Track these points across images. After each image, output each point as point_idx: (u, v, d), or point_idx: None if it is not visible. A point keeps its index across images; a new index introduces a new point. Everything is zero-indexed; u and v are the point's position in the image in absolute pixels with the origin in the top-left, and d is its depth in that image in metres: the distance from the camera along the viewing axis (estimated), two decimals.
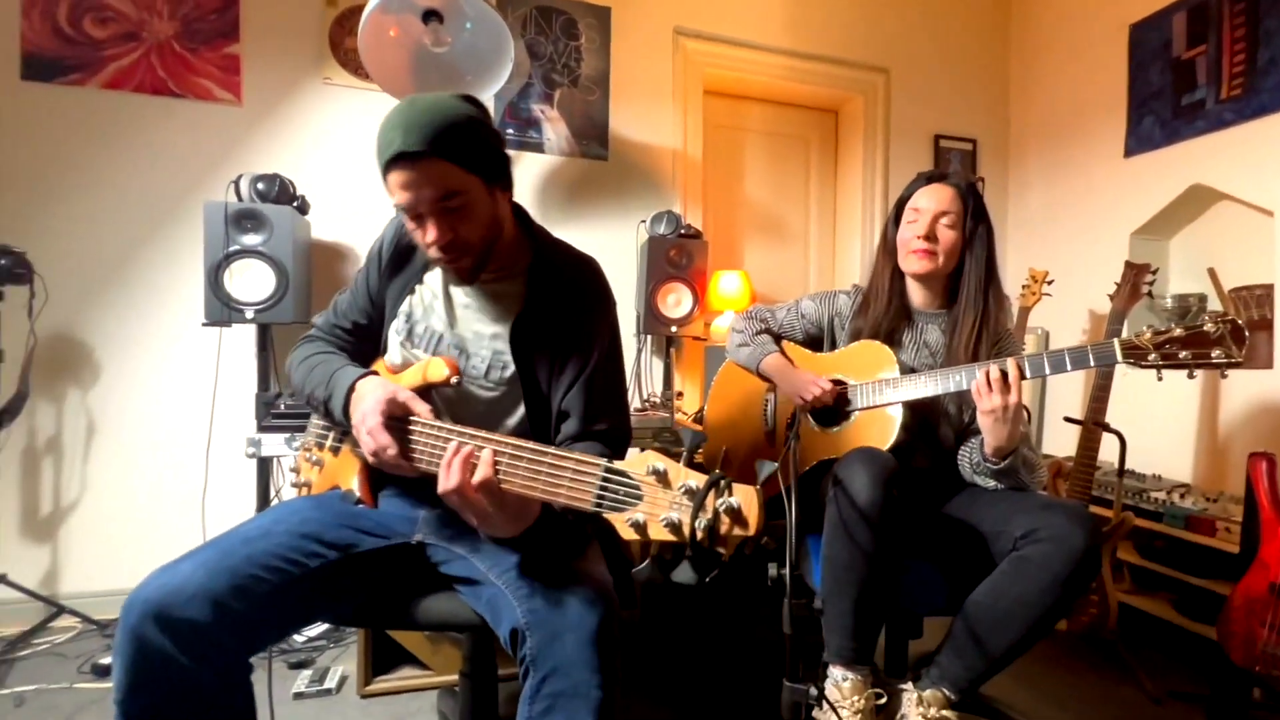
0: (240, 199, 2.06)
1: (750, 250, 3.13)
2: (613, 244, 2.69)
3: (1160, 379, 1.17)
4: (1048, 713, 1.69)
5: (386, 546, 1.03)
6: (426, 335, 1.14)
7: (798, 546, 1.34)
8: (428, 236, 1.00)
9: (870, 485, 1.14)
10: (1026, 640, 1.14)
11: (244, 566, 0.88)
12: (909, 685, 1.19)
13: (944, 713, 1.17)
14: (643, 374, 2.66)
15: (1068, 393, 2.88)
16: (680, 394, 2.41)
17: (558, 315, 1.10)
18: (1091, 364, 1.16)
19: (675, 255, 2.35)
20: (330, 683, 1.75)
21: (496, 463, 0.85)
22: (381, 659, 1.76)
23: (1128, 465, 2.34)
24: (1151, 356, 1.12)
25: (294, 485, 1.23)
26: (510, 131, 2.63)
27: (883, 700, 1.16)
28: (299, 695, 1.72)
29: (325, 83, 2.46)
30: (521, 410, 1.12)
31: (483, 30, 1.91)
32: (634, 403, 2.46)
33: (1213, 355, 1.10)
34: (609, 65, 2.71)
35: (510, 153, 2.56)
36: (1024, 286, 2.34)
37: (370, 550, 1.02)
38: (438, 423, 0.96)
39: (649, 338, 2.64)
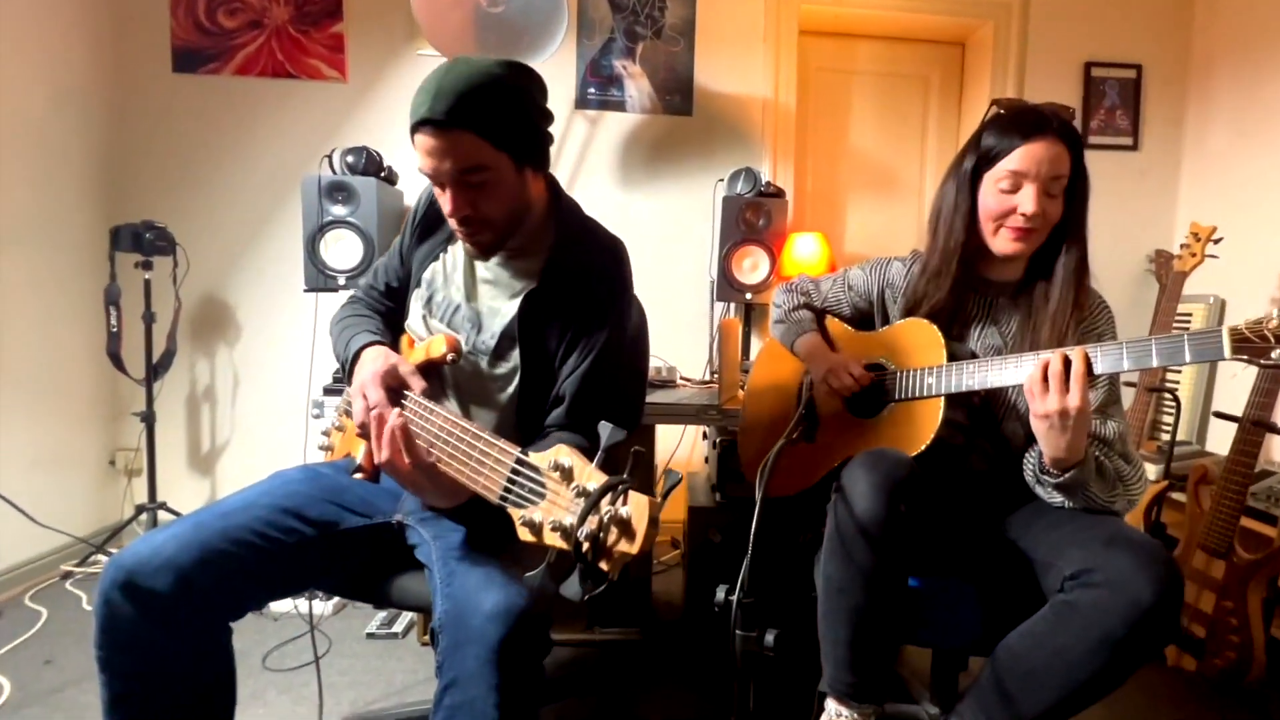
0: (334, 172, 2.21)
1: (854, 206, 2.85)
2: (694, 205, 2.58)
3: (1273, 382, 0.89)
4: None
5: (367, 525, 1.06)
6: (445, 305, 1.14)
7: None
8: (447, 208, 1.00)
9: (871, 495, 0.98)
10: (1065, 707, 0.93)
11: (215, 541, 0.91)
12: None
13: None
14: (714, 345, 2.54)
15: (1241, 382, 2.35)
16: None
17: (570, 299, 1.07)
18: (1187, 359, 0.90)
19: (751, 216, 2.19)
20: (398, 627, 1.91)
21: (438, 443, 0.85)
22: None
23: None
24: (1276, 353, 0.84)
25: (320, 448, 1.32)
26: (592, 91, 2.57)
27: None
28: (371, 635, 1.88)
29: (419, 55, 2.54)
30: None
31: None
32: (705, 376, 2.37)
33: None
34: (694, 12, 2.54)
35: (591, 113, 2.58)
36: (1182, 246, 1.91)
37: (351, 528, 1.05)
38: (424, 400, 0.97)
39: (730, 305, 2.51)
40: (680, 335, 2.56)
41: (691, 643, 1.85)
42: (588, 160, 2.60)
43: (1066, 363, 0.97)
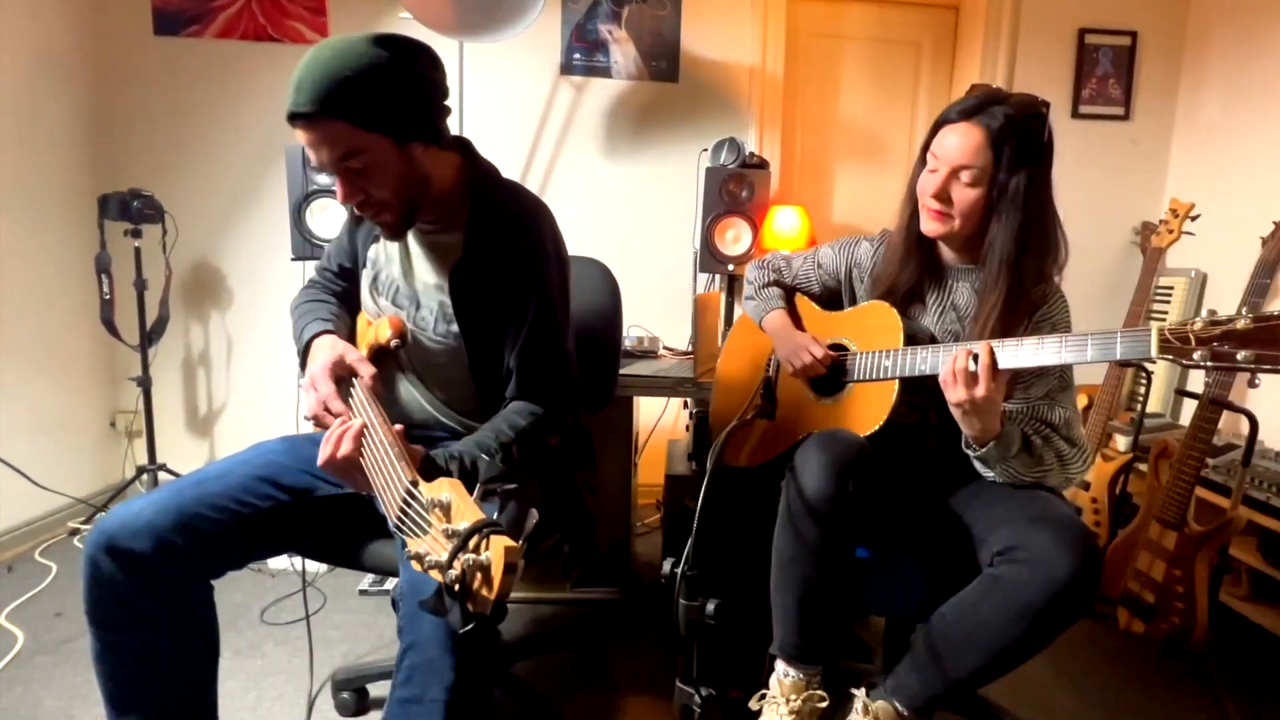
0: None
1: (843, 175, 2.83)
2: (679, 174, 2.58)
3: (1210, 381, 0.93)
4: None
5: (340, 494, 1.11)
6: (388, 283, 1.17)
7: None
8: (339, 195, 1.00)
9: (821, 474, 1.03)
10: (989, 670, 1.01)
11: (191, 506, 0.97)
12: (860, 691, 1.11)
13: None
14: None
15: None
16: None
17: (496, 269, 1.08)
18: (1118, 355, 0.94)
19: (734, 187, 2.19)
20: (389, 585, 2.00)
21: (364, 444, 0.90)
22: None
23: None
24: (1198, 354, 0.87)
25: (306, 418, 1.37)
26: (577, 56, 2.54)
27: (824, 704, 1.10)
28: (363, 592, 1.98)
29: (401, 18, 2.49)
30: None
31: None
32: (688, 347, 2.41)
33: None
34: None
35: (577, 79, 2.56)
36: (1160, 222, 1.92)
37: (325, 496, 1.10)
38: (364, 396, 1.00)
39: (714, 276, 2.52)
40: (665, 305, 2.59)
41: (669, 603, 1.93)
42: (573, 128, 2.58)
43: (978, 358, 1.01)
